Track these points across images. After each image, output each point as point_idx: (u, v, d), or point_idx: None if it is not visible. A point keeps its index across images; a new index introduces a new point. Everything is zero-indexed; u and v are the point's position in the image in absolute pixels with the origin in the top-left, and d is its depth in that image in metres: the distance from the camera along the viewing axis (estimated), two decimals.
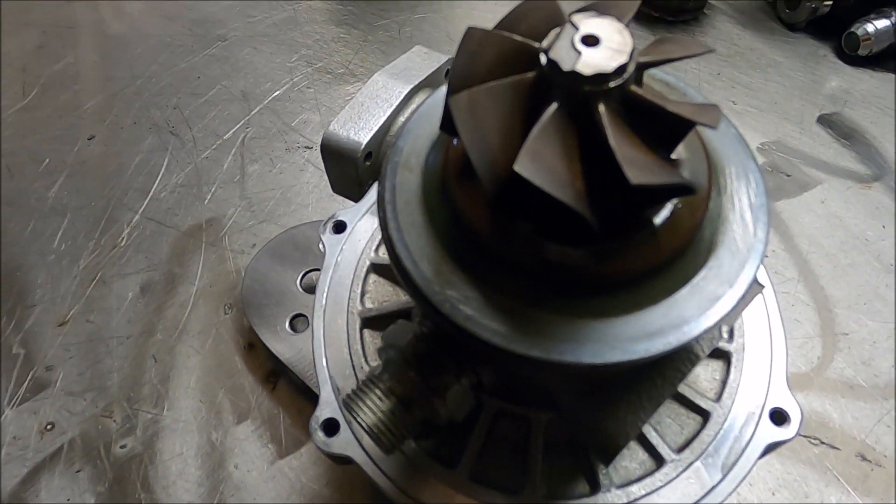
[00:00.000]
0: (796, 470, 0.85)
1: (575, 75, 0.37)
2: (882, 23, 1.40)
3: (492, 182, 0.39)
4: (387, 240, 0.48)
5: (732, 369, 0.64)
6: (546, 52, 0.38)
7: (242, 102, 1.30)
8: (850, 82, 1.41)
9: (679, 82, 0.54)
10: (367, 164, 0.85)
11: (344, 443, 0.62)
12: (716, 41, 1.50)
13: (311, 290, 0.93)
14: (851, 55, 1.45)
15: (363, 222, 0.77)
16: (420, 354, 0.51)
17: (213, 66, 1.37)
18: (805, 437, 0.88)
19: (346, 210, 0.78)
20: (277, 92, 1.31)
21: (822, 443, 0.88)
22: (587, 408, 0.49)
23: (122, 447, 0.86)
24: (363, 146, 0.83)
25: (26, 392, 0.92)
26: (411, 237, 0.47)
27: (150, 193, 1.15)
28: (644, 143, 0.40)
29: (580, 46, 0.37)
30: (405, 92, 0.87)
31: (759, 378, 0.64)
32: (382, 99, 0.87)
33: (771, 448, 0.61)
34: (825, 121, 1.33)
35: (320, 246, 0.76)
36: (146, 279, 1.03)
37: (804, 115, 1.34)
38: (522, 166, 0.36)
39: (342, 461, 0.62)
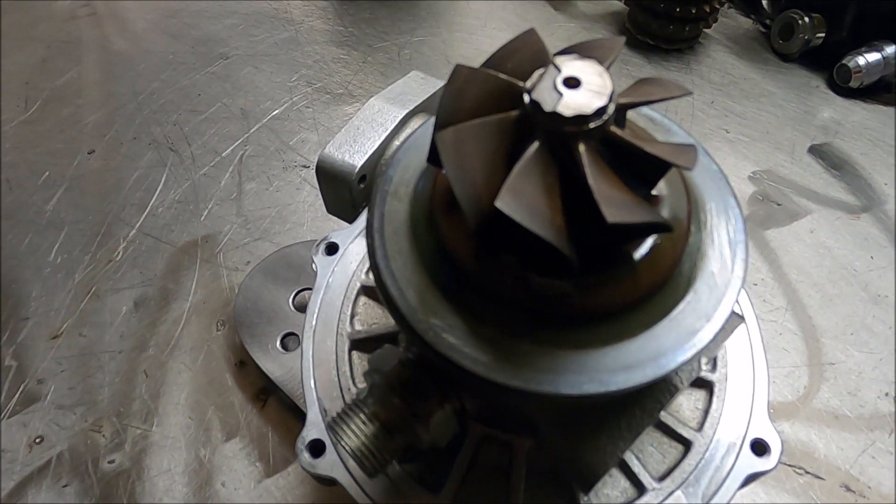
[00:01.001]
0: (780, 499, 0.86)
1: (556, 116, 0.38)
2: (873, 56, 1.43)
3: (475, 216, 0.41)
4: (374, 267, 0.49)
5: (715, 399, 0.65)
6: (529, 92, 0.40)
7: (242, 120, 1.32)
8: (841, 114, 1.44)
9: (663, 118, 0.56)
10: (362, 186, 0.86)
11: (329, 464, 0.63)
12: (710, 70, 1.53)
13: (302, 309, 0.94)
14: (843, 87, 1.47)
15: (355, 245, 0.78)
16: (404, 381, 0.52)
17: (214, 84, 1.39)
18: (790, 466, 0.89)
19: (338, 232, 0.79)
20: (276, 111, 1.33)
21: (807, 472, 0.88)
22: (567, 436, 0.50)
23: (109, 462, 0.87)
24: (357, 169, 0.84)
25: (16, 405, 0.92)
26: (398, 265, 0.48)
27: (148, 209, 1.16)
28: (623, 182, 0.41)
29: (562, 88, 0.39)
30: (400, 116, 0.89)
31: (740, 408, 0.65)
32: (378, 123, 0.88)
33: (751, 478, 0.62)
34: (816, 151, 1.35)
35: (313, 266, 0.77)
36: (140, 294, 1.04)
37: (795, 145, 1.36)
38: (504, 203, 0.38)
39: (327, 482, 0.63)
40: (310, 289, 0.77)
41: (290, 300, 0.94)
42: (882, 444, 0.91)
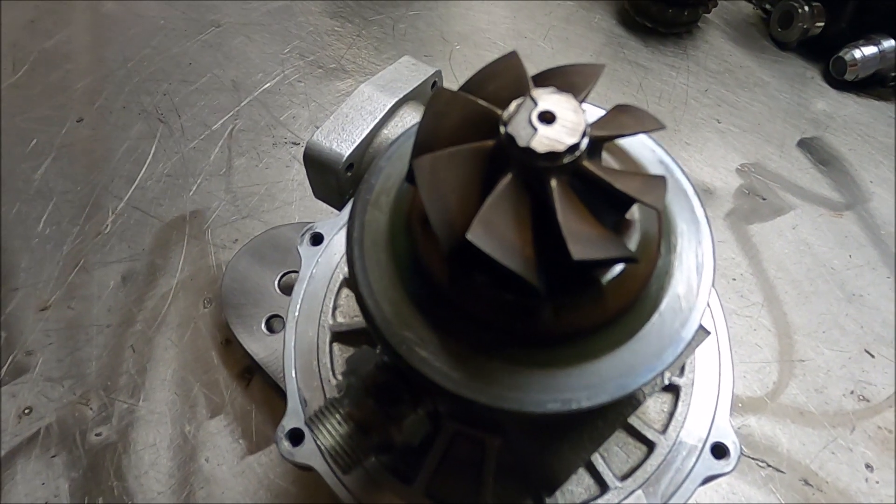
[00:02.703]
0: (742, 490, 0.90)
1: (529, 151, 0.39)
2: (870, 49, 1.42)
3: (448, 241, 0.42)
4: (351, 277, 0.50)
5: (680, 403, 0.68)
6: (505, 124, 0.40)
7: (233, 93, 1.31)
8: (833, 107, 1.44)
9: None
10: (349, 174, 0.87)
11: (308, 453, 0.65)
12: (707, 56, 1.52)
13: (288, 291, 0.95)
14: (838, 79, 1.47)
15: (340, 236, 0.79)
16: (379, 384, 0.54)
17: (206, 53, 1.38)
18: (753, 459, 0.92)
19: (323, 222, 0.80)
20: (268, 84, 1.32)
21: (769, 466, 0.92)
22: (532, 444, 0.53)
23: (97, 435, 0.89)
24: (345, 158, 0.85)
25: (6, 375, 0.94)
26: (375, 276, 0.50)
27: (136, 181, 1.16)
28: (596, 208, 0.43)
29: (536, 123, 0.40)
30: (390, 105, 0.89)
31: (704, 412, 0.67)
32: (367, 111, 0.88)
33: (709, 479, 0.65)
34: (805, 145, 1.36)
35: (298, 254, 0.78)
36: (128, 268, 1.05)
37: (785, 138, 1.36)
38: (475, 235, 0.39)
39: (305, 469, 0.66)
40: (296, 271, 0.78)
41: (276, 282, 0.96)
42: (843, 440, 0.94)
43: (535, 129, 0.40)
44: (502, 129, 0.41)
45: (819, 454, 0.93)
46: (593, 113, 0.57)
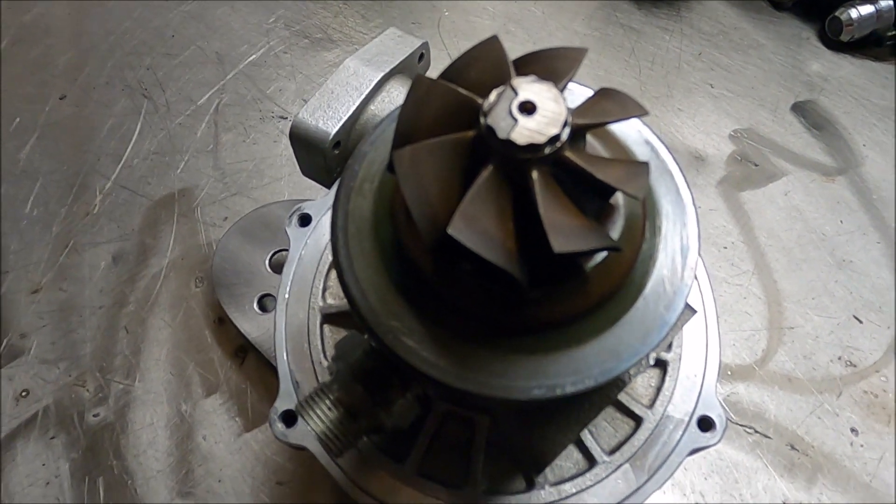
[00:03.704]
0: (729, 456, 0.91)
1: (510, 143, 0.39)
2: (866, 9, 1.39)
3: (430, 234, 0.42)
4: (337, 266, 0.50)
5: (668, 378, 0.69)
6: (486, 114, 0.40)
7: (217, 66, 1.28)
8: (829, 68, 1.42)
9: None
10: (336, 152, 0.86)
11: (301, 434, 0.66)
12: (701, 18, 1.49)
13: (279, 270, 0.96)
14: (834, 40, 1.44)
15: (328, 216, 0.78)
16: (367, 370, 0.54)
17: (188, 25, 1.34)
18: (741, 425, 0.94)
19: (311, 203, 0.79)
20: (253, 56, 1.30)
21: (757, 432, 0.94)
22: (520, 426, 0.54)
23: (94, 416, 0.91)
24: (331, 136, 0.83)
25: (1, 358, 0.95)
26: (360, 266, 0.50)
27: (123, 160, 1.15)
28: (580, 196, 0.42)
29: (517, 114, 0.39)
30: (376, 80, 0.88)
31: (691, 386, 0.68)
32: (353, 87, 0.87)
33: (694, 451, 0.66)
34: (799, 108, 1.34)
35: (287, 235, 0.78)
36: (118, 249, 1.05)
37: (779, 102, 1.35)
38: (456, 230, 0.39)
39: (299, 448, 0.67)
40: (286, 250, 0.78)
41: (267, 261, 0.96)
42: (829, 405, 0.96)
43: (516, 121, 0.39)
44: (482, 121, 0.40)
45: (806, 419, 0.95)
46: (579, 93, 0.56)
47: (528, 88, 0.40)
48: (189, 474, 0.87)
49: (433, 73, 0.98)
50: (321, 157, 0.85)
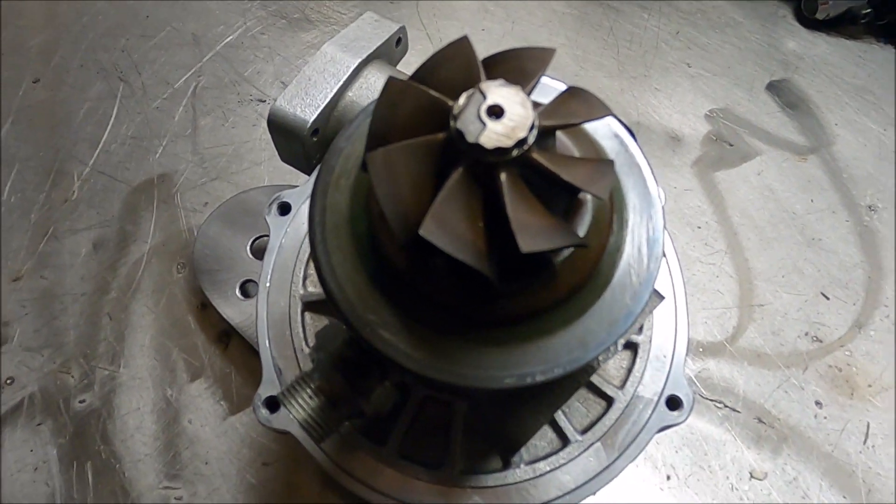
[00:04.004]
0: (699, 430, 0.95)
1: (478, 147, 0.40)
2: None
3: (403, 233, 0.43)
4: (315, 261, 0.52)
5: (638, 359, 0.71)
6: (455, 118, 0.41)
7: (194, 47, 1.27)
8: (804, 47, 1.44)
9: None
10: (315, 139, 0.87)
11: (284, 419, 0.68)
12: None
13: (260, 255, 0.96)
14: (810, 18, 1.46)
15: (308, 205, 0.79)
16: (347, 359, 0.56)
17: (163, 5, 1.32)
18: (711, 400, 0.98)
19: (291, 191, 0.80)
20: (230, 37, 1.28)
21: (726, 406, 0.98)
22: (494, 411, 0.56)
23: (80, 402, 0.92)
24: (310, 123, 0.84)
25: None
26: (337, 260, 0.51)
27: (101, 145, 1.14)
28: (548, 194, 0.44)
29: (485, 118, 0.40)
30: (353, 66, 0.88)
31: (660, 367, 0.71)
32: (330, 73, 0.87)
33: (663, 429, 0.69)
34: (774, 88, 1.36)
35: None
36: (98, 236, 1.05)
37: (755, 81, 1.36)
38: (427, 231, 0.40)
39: (283, 433, 0.69)
40: (267, 236, 0.79)
41: (248, 247, 0.97)
42: (795, 380, 1.00)
43: (484, 125, 0.40)
44: (452, 124, 0.41)
45: (773, 393, 0.99)
46: (550, 88, 0.57)
47: (497, 92, 0.41)
48: (176, 457, 0.89)
49: (411, 54, 0.99)
50: (300, 145, 0.86)
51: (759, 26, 1.46)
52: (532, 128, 0.40)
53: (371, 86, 0.89)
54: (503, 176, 0.41)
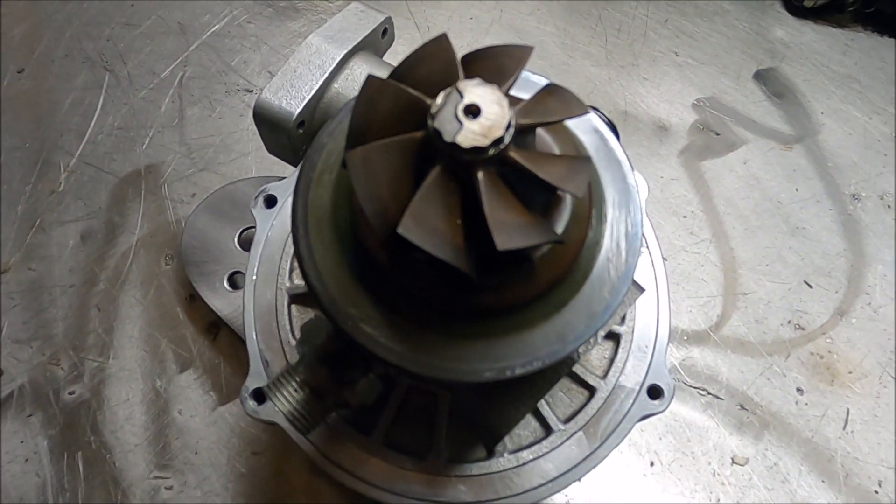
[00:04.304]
0: (683, 417, 0.97)
1: (455, 146, 0.40)
2: None
3: (383, 230, 0.44)
4: (298, 256, 0.52)
5: (620, 349, 0.72)
6: (433, 117, 0.42)
7: (180, 36, 1.26)
8: (791, 35, 1.44)
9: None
10: (300, 132, 0.87)
11: (271, 410, 0.69)
12: None
13: (248, 247, 0.97)
14: (797, 5, 1.46)
15: None
16: (331, 353, 0.57)
17: None
18: (695, 388, 0.99)
19: (276, 184, 0.80)
20: (216, 26, 1.27)
21: (709, 393, 0.99)
22: (477, 402, 0.57)
23: (70, 393, 0.92)
24: (295, 116, 0.84)
25: None
26: (320, 255, 0.52)
27: (87, 136, 1.13)
28: (525, 195, 0.45)
29: (462, 117, 0.41)
30: (339, 58, 0.88)
31: (642, 357, 0.72)
32: (315, 65, 0.87)
33: (644, 418, 0.71)
34: (761, 76, 1.37)
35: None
36: (86, 227, 1.05)
37: (742, 70, 1.37)
38: (406, 229, 0.41)
39: (270, 424, 0.70)
40: (255, 227, 0.79)
41: (236, 238, 0.97)
42: (778, 367, 1.02)
43: (461, 124, 0.41)
44: (430, 123, 0.42)
45: (755, 381, 1.01)
46: (532, 83, 0.58)
47: (473, 91, 0.42)
48: (166, 447, 0.90)
49: (398, 43, 0.99)
50: (286, 137, 0.86)
51: (748, 14, 1.46)
52: (508, 127, 0.41)
53: (356, 77, 0.89)
54: (480, 174, 0.42)
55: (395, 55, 1.03)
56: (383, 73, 0.46)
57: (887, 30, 1.45)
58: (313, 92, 0.86)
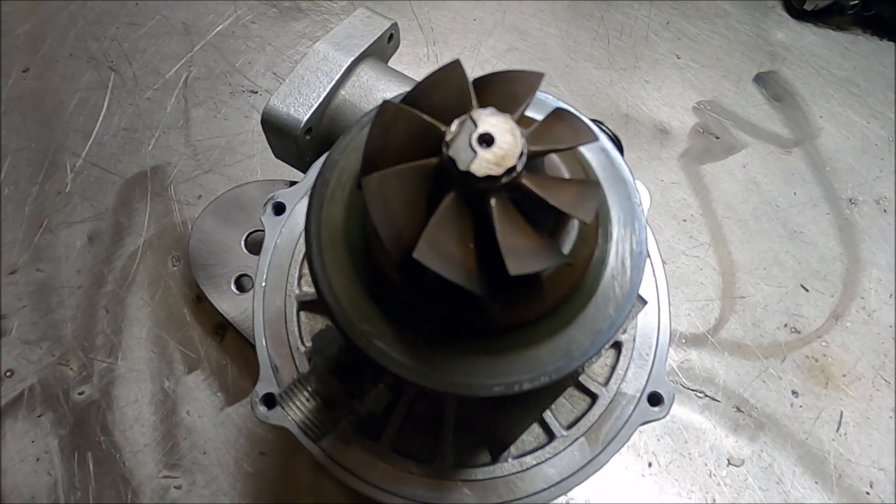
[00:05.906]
0: (680, 419, 0.99)
1: (469, 175, 0.42)
2: None
3: (398, 253, 0.45)
4: (312, 273, 0.54)
5: (622, 357, 0.74)
6: (448, 145, 0.43)
7: (184, 36, 1.26)
8: (792, 38, 1.45)
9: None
10: (308, 138, 0.88)
11: (281, 415, 0.71)
12: None
13: (255, 249, 0.98)
14: (798, 8, 1.47)
15: (302, 205, 0.81)
16: (342, 364, 0.59)
17: None
18: (692, 390, 1.01)
19: (285, 191, 0.82)
20: (221, 26, 1.28)
21: (706, 396, 1.01)
22: (484, 413, 0.59)
23: (80, 394, 0.94)
24: (303, 123, 0.85)
25: None
26: (334, 272, 0.53)
27: (93, 136, 1.14)
28: (535, 216, 0.46)
29: (476, 146, 0.42)
30: (346, 64, 0.89)
31: (643, 365, 0.74)
32: (323, 72, 0.88)
33: (644, 424, 0.72)
34: (761, 80, 1.38)
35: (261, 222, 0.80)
36: (93, 228, 1.06)
37: (742, 73, 1.38)
38: (421, 254, 0.42)
39: (280, 428, 0.72)
40: (261, 230, 0.81)
41: (243, 241, 0.98)
42: (774, 370, 1.04)
43: (475, 153, 0.42)
44: (445, 151, 0.43)
45: (752, 383, 1.03)
46: (537, 100, 0.59)
47: (487, 121, 0.43)
48: (175, 447, 0.91)
49: (404, 45, 0.99)
50: (293, 144, 0.87)
51: (748, 16, 1.47)
52: (521, 155, 0.42)
53: (363, 84, 0.90)
54: (493, 202, 0.43)
55: (400, 56, 1.04)
56: (390, 80, 0.47)
57: (887, 33, 1.47)
58: (321, 99, 0.87)
